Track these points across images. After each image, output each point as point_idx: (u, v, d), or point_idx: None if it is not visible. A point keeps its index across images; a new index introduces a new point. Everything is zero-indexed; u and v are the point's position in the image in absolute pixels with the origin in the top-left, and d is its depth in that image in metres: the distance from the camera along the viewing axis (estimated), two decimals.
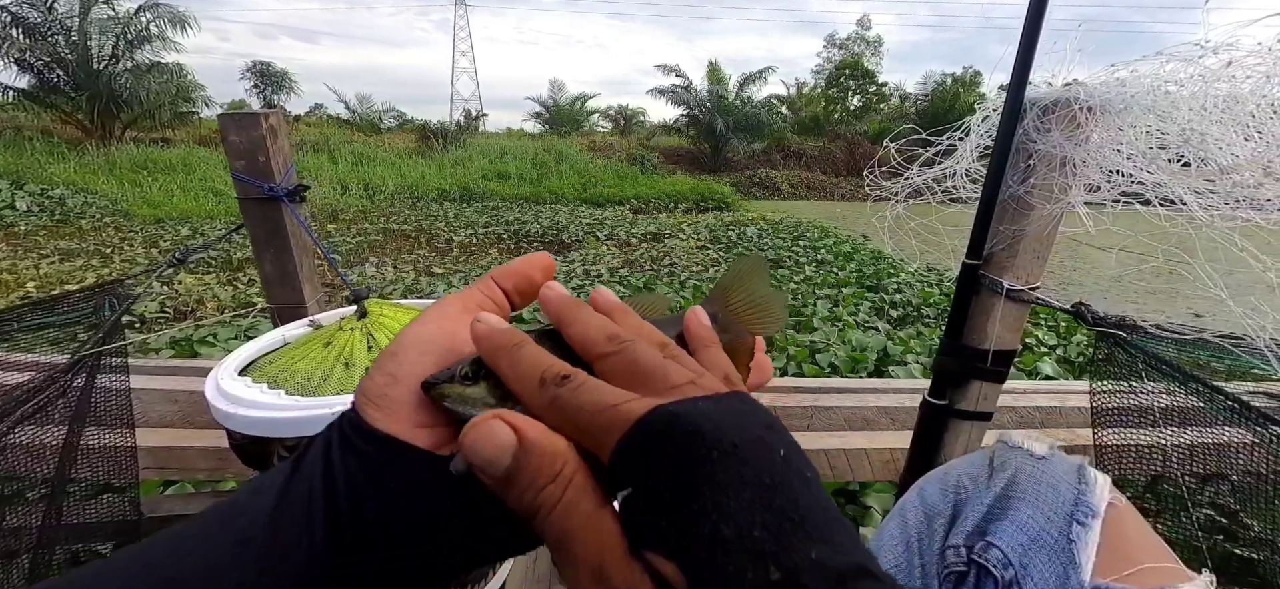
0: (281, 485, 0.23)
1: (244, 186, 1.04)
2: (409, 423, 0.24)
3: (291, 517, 0.22)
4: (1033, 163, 0.69)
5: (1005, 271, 0.76)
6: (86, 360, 0.86)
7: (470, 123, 20.53)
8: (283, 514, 0.22)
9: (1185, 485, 0.73)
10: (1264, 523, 0.73)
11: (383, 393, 0.24)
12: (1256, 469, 0.64)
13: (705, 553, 0.17)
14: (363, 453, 0.23)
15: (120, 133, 13.51)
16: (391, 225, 8.10)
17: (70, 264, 5.15)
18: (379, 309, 0.97)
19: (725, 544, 0.17)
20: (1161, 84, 0.63)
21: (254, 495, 0.23)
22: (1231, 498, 0.66)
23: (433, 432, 0.24)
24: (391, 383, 0.24)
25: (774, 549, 0.17)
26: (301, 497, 0.22)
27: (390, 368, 0.25)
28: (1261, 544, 0.72)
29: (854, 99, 26.24)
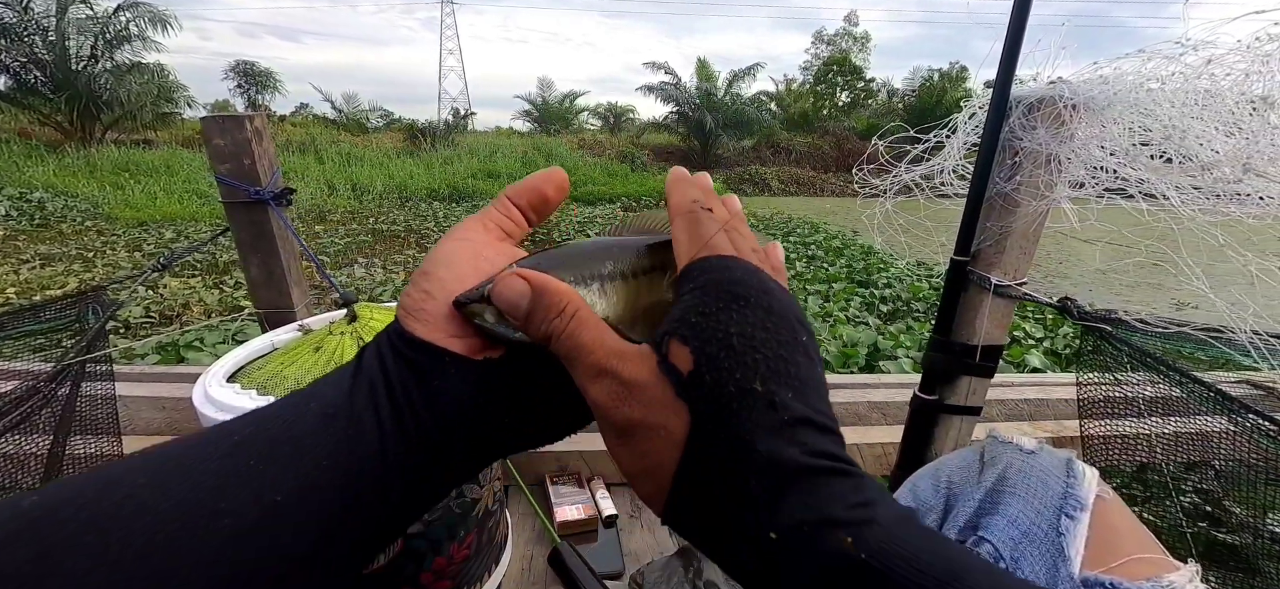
0: (349, 381, 0.26)
1: (229, 191, 1.03)
2: (444, 332, 0.28)
3: (362, 402, 0.25)
4: (1019, 160, 0.70)
5: (993, 267, 0.77)
6: (71, 368, 0.85)
7: (459, 121, 20.38)
8: (356, 399, 0.25)
9: (1170, 473, 0.75)
10: (1246, 508, 0.74)
11: (420, 306, 0.28)
12: (1238, 456, 0.66)
13: (714, 348, 0.23)
14: (409, 358, 0.27)
15: (101, 134, 13.27)
16: (380, 226, 8.03)
17: (51, 269, 5.05)
18: (369, 312, 0.96)
19: (732, 349, 0.23)
20: (1144, 81, 0.64)
21: (328, 386, 0.26)
22: (1216, 484, 0.67)
23: (464, 340, 0.28)
24: (426, 298, 0.28)
25: (765, 372, 0.23)
26: (365, 389, 0.26)
27: (424, 285, 0.29)
28: (1243, 529, 0.74)
29: (842, 95, 26.38)
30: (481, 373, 0.27)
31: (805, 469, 0.22)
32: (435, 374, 0.27)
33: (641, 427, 0.24)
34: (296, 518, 0.23)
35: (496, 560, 1.01)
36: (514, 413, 0.28)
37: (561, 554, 0.75)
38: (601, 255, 0.31)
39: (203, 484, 0.22)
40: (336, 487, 0.24)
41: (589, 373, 0.25)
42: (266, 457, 0.23)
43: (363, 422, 0.25)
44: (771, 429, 0.22)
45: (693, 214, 0.29)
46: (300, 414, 0.25)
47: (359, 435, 0.25)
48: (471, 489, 0.89)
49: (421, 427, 0.26)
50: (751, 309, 0.25)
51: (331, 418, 0.25)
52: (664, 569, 0.84)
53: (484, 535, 0.95)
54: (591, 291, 0.30)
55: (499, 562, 1.02)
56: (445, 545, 0.86)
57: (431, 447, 0.26)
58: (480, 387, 0.27)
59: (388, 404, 0.25)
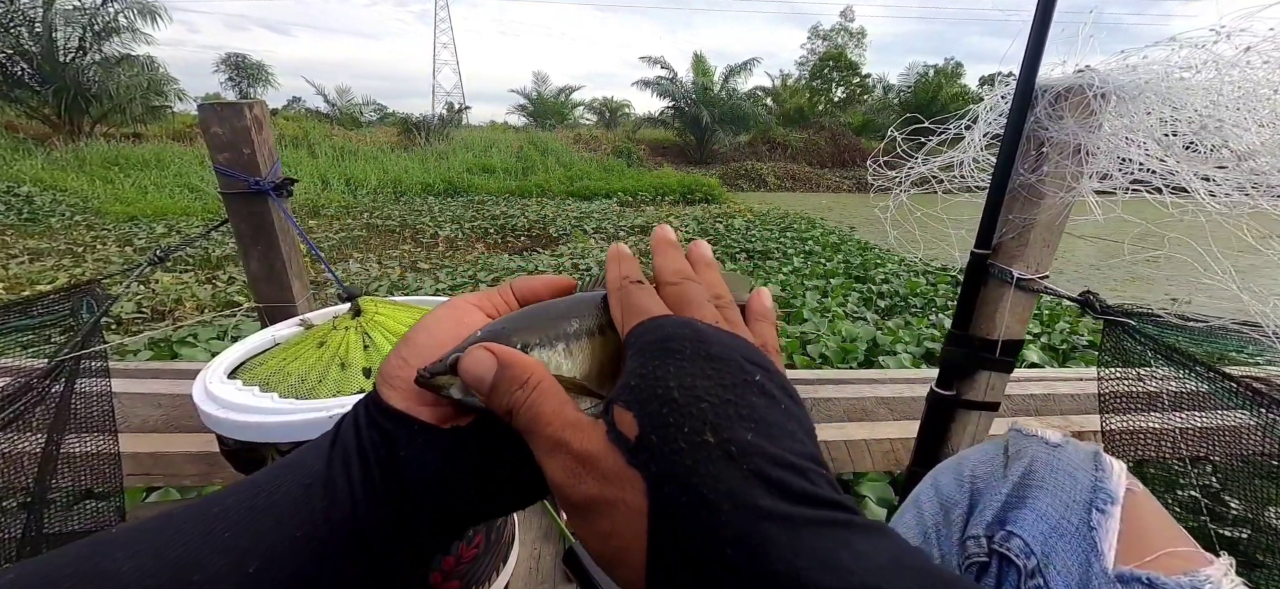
0: (326, 449, 0.27)
1: (228, 181, 1.00)
2: (416, 400, 0.28)
3: (338, 470, 0.26)
4: (1045, 151, 0.69)
5: (1015, 261, 0.75)
6: (65, 365, 0.82)
7: (453, 116, 20.23)
8: (332, 469, 0.26)
9: (1193, 468, 0.74)
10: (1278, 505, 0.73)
11: (397, 374, 0.28)
12: (1262, 453, 0.65)
13: (656, 405, 0.22)
14: (381, 426, 0.27)
15: (90, 128, 13.07)
16: (375, 221, 7.96)
17: (40, 264, 4.97)
18: (374, 307, 0.94)
19: (674, 402, 0.22)
20: (1174, 70, 0.62)
21: (306, 454, 0.27)
22: (1244, 480, 0.66)
23: (434, 409, 0.28)
24: (403, 366, 0.29)
25: (715, 420, 0.22)
26: (340, 457, 0.26)
27: (404, 353, 0.29)
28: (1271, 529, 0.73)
29: (838, 90, 26.40)
30: (449, 443, 0.27)
31: (786, 520, 0.20)
32: (403, 442, 0.27)
33: (600, 503, 0.23)
34: (272, 580, 0.23)
35: (505, 559, 1.00)
36: (479, 484, 0.28)
37: (577, 554, 0.74)
38: (567, 314, 0.31)
39: (182, 559, 0.22)
40: (310, 555, 0.24)
41: (545, 446, 0.25)
42: (244, 529, 0.24)
43: (337, 488, 0.25)
44: (736, 481, 0.20)
45: (622, 289, 0.29)
46: (281, 484, 0.26)
47: (333, 503, 0.25)
48: None
49: (390, 494, 0.26)
50: (687, 359, 0.24)
51: (309, 486, 0.25)
52: None
53: (492, 534, 0.93)
54: (556, 351, 0.29)
55: (507, 560, 1.00)
56: (454, 545, 0.84)
57: (399, 516, 0.26)
58: (446, 457, 0.27)
59: (360, 471, 0.26)
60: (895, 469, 1.40)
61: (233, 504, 0.25)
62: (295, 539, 0.24)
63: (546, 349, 0.29)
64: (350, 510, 0.25)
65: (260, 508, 0.24)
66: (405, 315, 0.95)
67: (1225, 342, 0.73)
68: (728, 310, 0.30)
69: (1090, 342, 3.34)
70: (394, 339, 0.88)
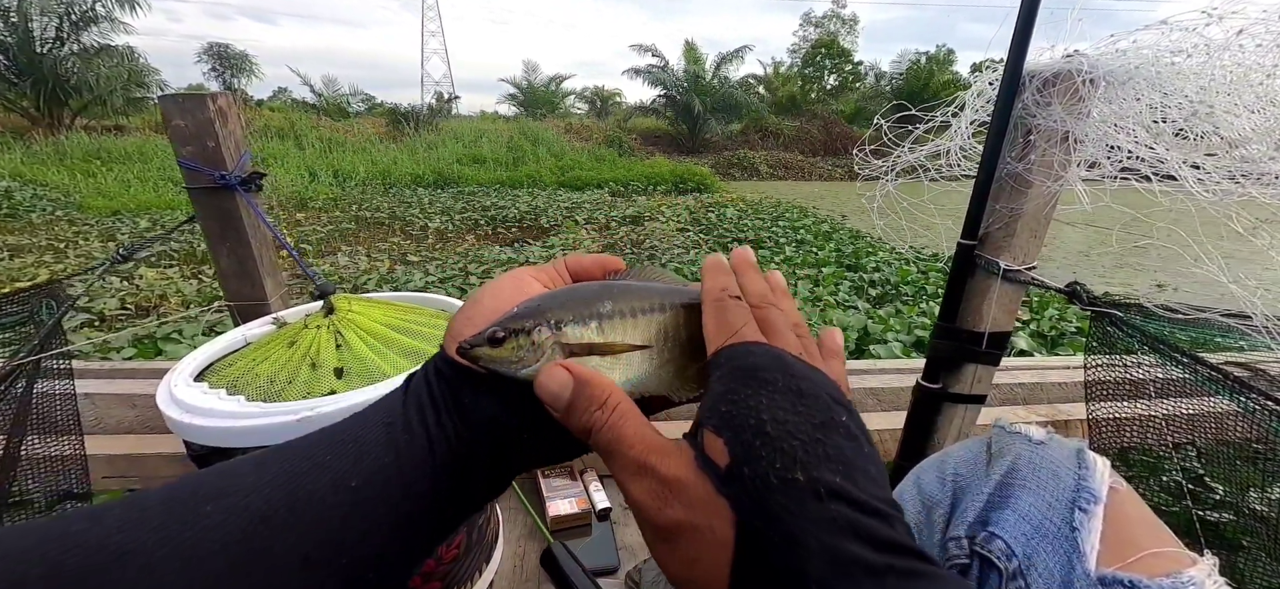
0: (402, 398, 0.31)
1: (193, 175, 0.97)
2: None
3: (413, 414, 0.30)
4: (1032, 138, 0.67)
5: (1001, 252, 0.74)
6: (23, 367, 0.79)
7: (442, 106, 19.98)
8: (408, 412, 0.30)
9: (1176, 454, 0.73)
10: (1260, 490, 0.73)
11: (461, 331, 0.31)
12: (1244, 438, 0.64)
13: (749, 435, 0.23)
14: (448, 377, 0.31)
15: (70, 121, 12.81)
16: (364, 213, 7.86)
17: (20, 261, 4.87)
18: (348, 304, 0.91)
19: (766, 435, 0.22)
20: (1164, 54, 0.61)
21: (383, 402, 0.31)
22: (1234, 467, 0.66)
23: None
24: (468, 323, 0.31)
25: (805, 460, 0.22)
26: (414, 402, 0.30)
27: (468, 312, 0.32)
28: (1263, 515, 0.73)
29: (830, 78, 26.31)
30: (505, 393, 0.30)
31: (871, 569, 0.20)
32: (465, 391, 0.30)
33: (686, 529, 0.23)
34: (368, 498, 0.27)
35: (487, 559, 0.98)
36: (528, 431, 0.31)
37: (553, 554, 0.72)
38: (603, 295, 0.32)
39: (292, 473, 0.26)
40: (400, 478, 0.28)
41: (629, 469, 0.25)
42: (342, 455, 0.28)
43: (413, 428, 0.29)
44: (825, 524, 0.20)
45: (721, 302, 0.30)
46: (366, 423, 0.29)
47: (412, 439, 0.29)
48: None
49: (459, 434, 0.29)
50: (779, 392, 0.24)
51: (390, 425, 0.29)
52: None
53: (474, 534, 0.92)
54: (588, 329, 0.31)
55: (490, 560, 0.99)
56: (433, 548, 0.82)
57: (466, 453, 0.30)
58: (503, 405, 0.30)
59: (433, 414, 0.30)
60: (886, 460, 1.40)
61: (328, 438, 0.29)
62: (385, 465, 0.28)
63: (579, 325, 0.31)
64: (427, 446, 0.29)
65: (349, 440, 0.28)
66: (381, 313, 0.92)
67: (1208, 330, 0.72)
68: (807, 341, 0.30)
69: (1079, 328, 3.36)
70: (368, 338, 0.86)
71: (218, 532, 0.23)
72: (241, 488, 0.25)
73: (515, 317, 0.30)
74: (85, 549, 0.21)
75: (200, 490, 0.25)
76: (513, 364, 0.29)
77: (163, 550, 0.22)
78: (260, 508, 0.25)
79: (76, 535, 0.22)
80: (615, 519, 1.15)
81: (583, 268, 0.37)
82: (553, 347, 0.30)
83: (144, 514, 0.23)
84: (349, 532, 0.26)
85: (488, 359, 0.29)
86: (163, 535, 0.22)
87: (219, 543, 0.23)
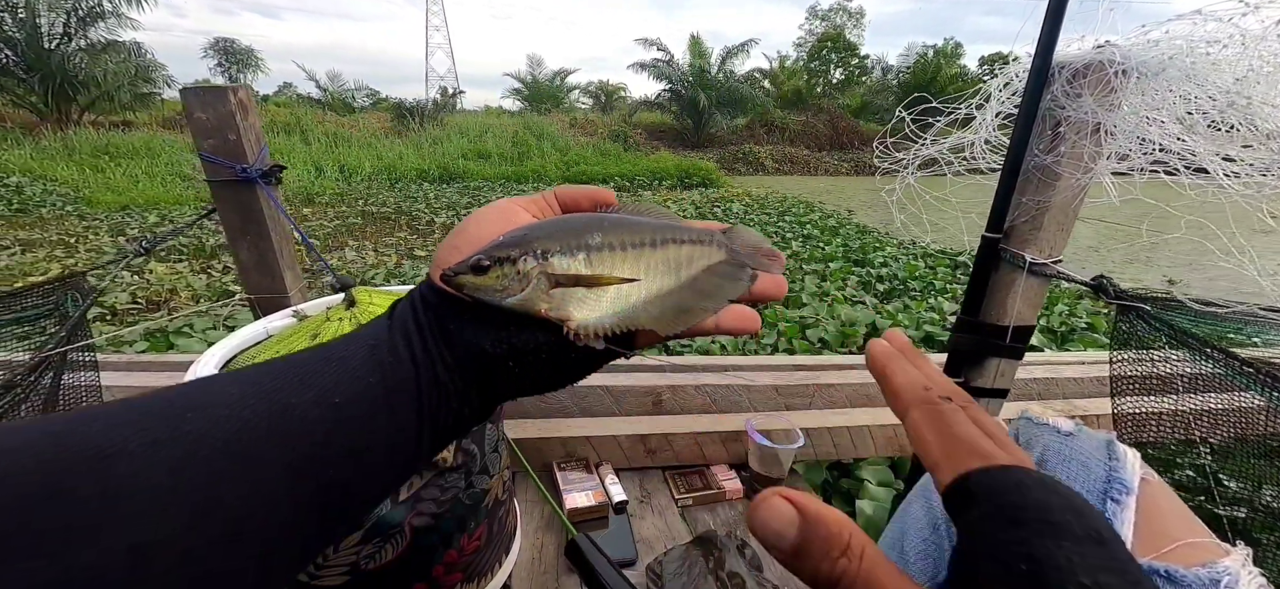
0: (386, 322, 0.30)
1: (214, 168, 0.97)
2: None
3: (398, 338, 0.29)
4: (1062, 130, 0.66)
5: (1027, 245, 0.73)
6: (51, 359, 0.80)
7: (447, 101, 19.97)
8: (393, 335, 0.29)
9: (1203, 448, 0.72)
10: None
11: (447, 259, 0.31)
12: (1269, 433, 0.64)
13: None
14: (433, 303, 0.31)
15: (78, 117, 12.87)
16: (370, 208, 7.89)
17: (32, 255, 4.92)
18: (368, 297, 0.91)
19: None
20: (1198, 45, 0.60)
21: (367, 327, 0.30)
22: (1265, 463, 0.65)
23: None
24: (453, 252, 0.31)
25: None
26: (400, 327, 0.30)
27: (455, 242, 0.32)
28: None
29: (836, 72, 26.14)
30: (489, 322, 0.30)
31: None
32: (451, 318, 0.30)
33: None
34: (352, 416, 0.26)
35: (507, 550, 0.98)
36: (515, 360, 0.30)
37: (579, 546, 0.72)
38: (593, 227, 0.32)
39: (275, 389, 0.26)
40: (382, 398, 0.27)
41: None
42: (326, 373, 0.27)
43: (398, 352, 0.29)
44: None
45: (936, 408, 0.26)
46: (351, 344, 0.29)
47: (396, 361, 0.28)
48: (481, 480, 0.85)
49: (443, 360, 0.29)
50: (1079, 542, 0.20)
51: (375, 347, 0.29)
52: (683, 559, 0.82)
53: (494, 526, 0.92)
54: (576, 260, 0.30)
55: (509, 551, 0.99)
56: (456, 538, 0.83)
57: (450, 379, 0.29)
58: (487, 334, 0.30)
59: (418, 338, 0.29)
60: (897, 453, 1.39)
61: (310, 357, 0.28)
62: (370, 384, 0.27)
63: (566, 256, 0.30)
64: (412, 370, 0.28)
65: (335, 359, 0.28)
66: None
67: (1222, 325, 0.71)
68: (1006, 444, 0.25)
69: (1089, 324, 3.34)
70: None
71: (204, 440, 0.23)
72: (223, 401, 0.24)
73: (501, 244, 0.30)
74: (74, 449, 0.21)
75: (178, 402, 0.24)
76: (497, 293, 0.29)
77: (151, 453, 0.21)
78: (244, 417, 0.24)
79: (61, 434, 0.21)
80: (632, 512, 1.16)
81: (573, 199, 0.36)
82: (539, 276, 0.29)
83: (131, 419, 0.22)
84: (332, 448, 0.26)
85: (471, 287, 0.29)
86: (148, 439, 0.22)
87: (205, 449, 0.23)
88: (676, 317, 0.31)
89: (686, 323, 0.31)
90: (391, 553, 0.76)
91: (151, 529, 0.20)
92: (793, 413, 1.35)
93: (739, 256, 0.36)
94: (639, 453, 1.28)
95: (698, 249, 0.34)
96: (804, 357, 1.94)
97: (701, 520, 1.14)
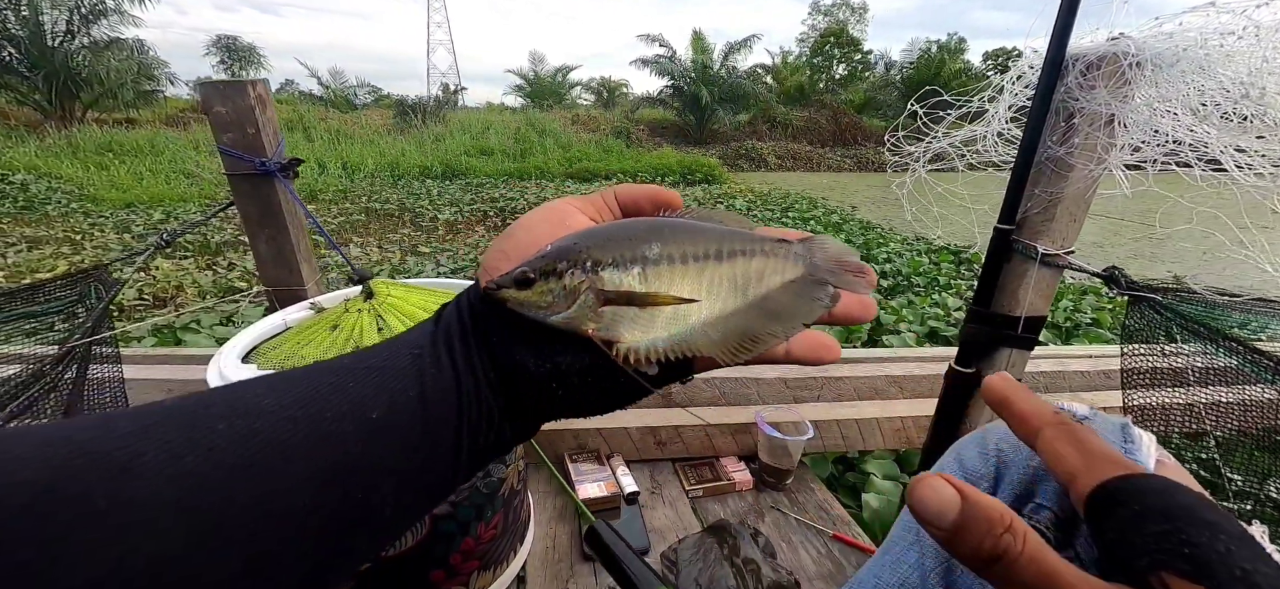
0: (431, 329, 0.29)
1: (233, 162, 0.98)
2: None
3: (442, 347, 0.28)
4: (1075, 122, 0.67)
5: (1040, 236, 0.74)
6: (75, 351, 0.81)
7: (449, 98, 19.97)
8: (437, 345, 0.28)
9: (1217, 439, 0.73)
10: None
11: (494, 265, 0.30)
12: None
13: (1233, 584, 0.21)
14: (479, 312, 0.29)
15: (81, 114, 12.91)
16: (373, 205, 7.90)
17: (39, 252, 4.94)
18: (386, 289, 0.93)
19: (1248, 578, 0.20)
20: (1212, 36, 0.60)
21: (411, 333, 0.29)
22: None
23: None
24: (501, 258, 0.30)
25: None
26: (444, 335, 0.29)
27: (503, 246, 0.30)
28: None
29: (839, 68, 26.05)
30: (535, 339, 0.28)
31: None
32: (495, 331, 0.28)
33: None
34: (388, 432, 0.25)
35: (521, 539, 1.00)
36: (558, 382, 0.29)
37: (599, 532, 0.74)
38: (650, 236, 0.29)
39: (312, 399, 0.25)
40: (419, 411, 0.26)
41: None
42: (365, 383, 0.26)
43: (441, 361, 0.27)
44: None
45: (1069, 427, 0.28)
46: (393, 352, 0.28)
47: (439, 372, 0.27)
48: (497, 469, 0.86)
49: (487, 376, 0.28)
50: (1234, 539, 0.21)
51: (418, 356, 0.27)
52: (697, 546, 0.83)
53: (510, 515, 0.93)
54: (630, 275, 0.28)
55: (524, 540, 1.01)
56: (473, 526, 0.84)
57: (493, 395, 0.28)
58: (532, 352, 0.28)
59: (462, 350, 0.28)
60: (904, 446, 1.40)
61: (351, 364, 0.27)
62: (409, 397, 0.26)
63: (619, 270, 0.27)
64: (454, 381, 0.27)
65: (375, 368, 0.27)
66: (418, 297, 0.94)
67: (1228, 316, 0.72)
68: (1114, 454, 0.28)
69: (1095, 320, 3.34)
70: (409, 321, 0.87)
71: (228, 452, 0.22)
72: (256, 409, 0.24)
73: (547, 256, 0.27)
74: (90, 457, 0.20)
75: (212, 407, 0.23)
76: (541, 309, 0.27)
77: (170, 467, 0.21)
78: (275, 430, 0.23)
79: (83, 442, 0.20)
80: (643, 502, 1.17)
81: (633, 200, 0.34)
82: (587, 293, 0.27)
83: (152, 427, 0.22)
84: (364, 465, 0.25)
85: (515, 302, 0.27)
86: (169, 452, 0.21)
87: (227, 464, 0.22)
88: (740, 342, 0.28)
89: (752, 349, 0.28)
90: (412, 540, 0.77)
91: (160, 547, 0.20)
92: (801, 405, 1.36)
93: (818, 272, 0.31)
94: (649, 445, 1.29)
95: (770, 262, 0.30)
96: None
97: (712, 511, 1.15)
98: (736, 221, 0.32)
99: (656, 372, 0.28)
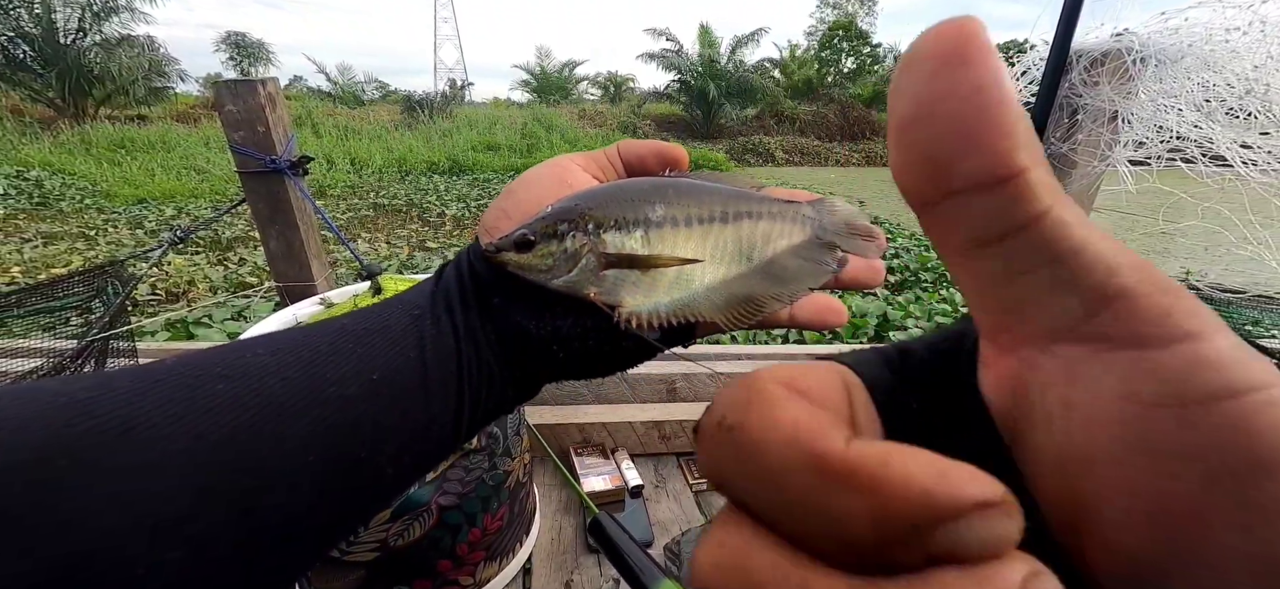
0: (430, 289, 0.29)
1: (243, 160, 1.00)
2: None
3: (440, 306, 0.28)
4: (1079, 118, 0.67)
5: None
6: (94, 345, 0.83)
7: (456, 93, 20.02)
8: (436, 303, 0.28)
9: None
10: None
11: (494, 224, 0.30)
12: None
13: None
14: (478, 271, 0.29)
15: (94, 111, 13.06)
16: (381, 201, 7.95)
17: (54, 248, 5.02)
18: (394, 284, 0.94)
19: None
20: (1217, 32, 0.60)
21: (411, 293, 0.29)
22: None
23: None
24: (502, 216, 0.30)
25: None
26: (443, 295, 0.28)
27: (503, 204, 0.30)
28: None
29: (847, 61, 25.83)
30: (535, 302, 0.28)
31: None
32: (495, 292, 0.28)
33: None
34: (389, 392, 0.25)
35: (527, 531, 1.01)
36: (558, 345, 0.28)
37: (601, 523, 0.75)
38: (654, 196, 0.28)
39: (313, 360, 0.25)
40: (419, 372, 0.26)
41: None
42: (366, 344, 0.26)
43: (440, 321, 0.27)
44: None
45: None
46: (392, 312, 0.28)
47: (439, 334, 0.27)
48: (504, 461, 0.88)
49: (486, 338, 0.28)
50: None
51: (418, 317, 0.27)
52: (700, 539, 0.84)
53: (515, 507, 0.95)
54: (632, 238, 0.27)
55: (529, 532, 1.02)
56: (479, 517, 0.86)
57: (493, 356, 0.28)
58: (531, 315, 0.28)
59: (460, 309, 0.28)
60: None
61: (351, 325, 0.27)
62: (409, 358, 0.26)
63: (621, 232, 0.26)
64: (454, 344, 0.27)
65: (375, 329, 0.26)
66: None
67: (1240, 313, 0.72)
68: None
69: None
70: None
71: (228, 412, 0.21)
72: (257, 369, 0.23)
73: (548, 217, 0.26)
74: (92, 417, 0.20)
75: (212, 368, 0.23)
76: (542, 273, 0.26)
77: (171, 427, 0.20)
78: (272, 389, 0.23)
79: (84, 402, 0.20)
80: (647, 496, 1.18)
81: (638, 156, 0.33)
82: (588, 255, 0.26)
83: (152, 386, 0.21)
84: (364, 425, 0.24)
85: (515, 265, 0.26)
86: (171, 412, 0.21)
87: (229, 425, 0.21)
88: (744, 306, 0.27)
89: (755, 314, 0.27)
90: (419, 531, 0.79)
91: (161, 507, 0.19)
92: None
93: (826, 235, 0.29)
94: (654, 439, 1.30)
95: (777, 226, 0.29)
96: (815, 345, 1.96)
97: (715, 505, 1.16)
98: (742, 183, 0.31)
99: (657, 336, 0.27)
